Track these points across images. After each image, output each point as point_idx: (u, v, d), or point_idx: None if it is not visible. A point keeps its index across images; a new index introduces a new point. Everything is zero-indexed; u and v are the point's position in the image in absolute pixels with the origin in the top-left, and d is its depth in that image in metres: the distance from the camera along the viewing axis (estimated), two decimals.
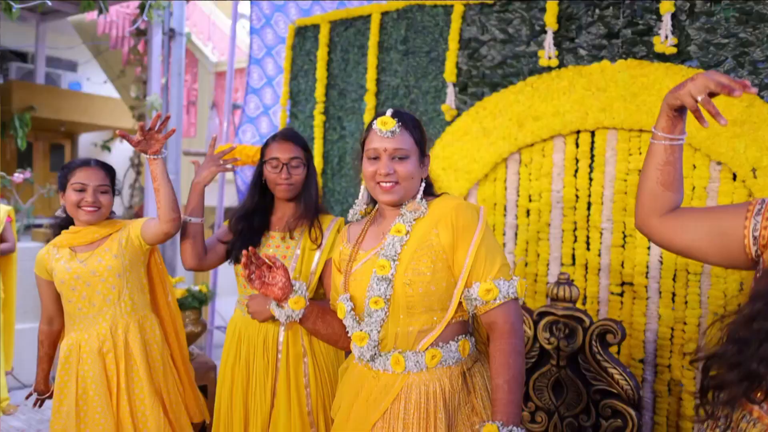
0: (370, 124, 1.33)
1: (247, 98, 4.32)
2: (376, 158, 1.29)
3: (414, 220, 1.30)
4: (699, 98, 1.00)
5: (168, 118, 1.69)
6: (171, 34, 4.76)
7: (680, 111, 1.08)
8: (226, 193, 4.52)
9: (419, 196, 1.33)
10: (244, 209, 1.83)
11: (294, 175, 1.76)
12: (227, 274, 5.52)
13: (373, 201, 1.44)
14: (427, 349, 1.25)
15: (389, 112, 1.31)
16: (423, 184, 1.36)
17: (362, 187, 1.42)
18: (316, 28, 3.46)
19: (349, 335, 1.33)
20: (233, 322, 1.84)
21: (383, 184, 1.28)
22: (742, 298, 2.15)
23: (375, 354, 1.28)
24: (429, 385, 1.24)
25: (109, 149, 6.15)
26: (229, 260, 1.84)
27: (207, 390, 2.35)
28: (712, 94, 1.00)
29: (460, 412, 1.24)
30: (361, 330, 1.28)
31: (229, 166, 1.86)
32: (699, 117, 1.03)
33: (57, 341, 1.90)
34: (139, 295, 1.84)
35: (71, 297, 1.78)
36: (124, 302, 1.80)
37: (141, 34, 5.58)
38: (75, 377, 1.77)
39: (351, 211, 1.44)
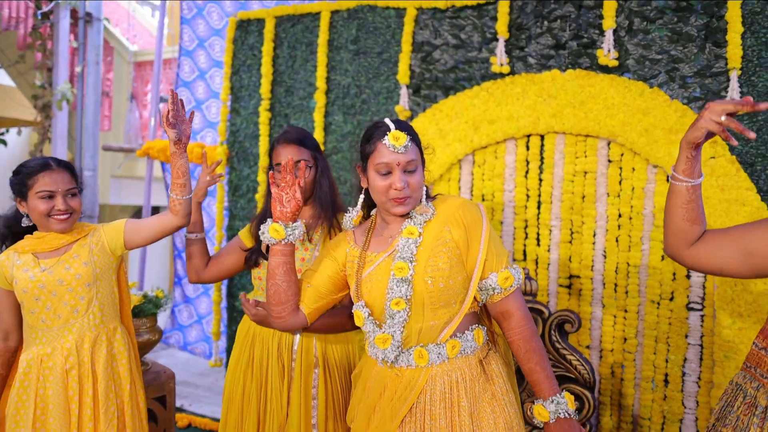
0: (377, 138, 1.33)
1: (177, 92, 4.10)
2: (388, 173, 1.32)
3: (424, 222, 1.35)
4: (723, 119, 1.10)
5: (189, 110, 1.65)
6: (88, 19, 4.37)
7: (698, 149, 1.18)
8: (154, 191, 4.27)
9: (424, 199, 1.39)
10: (264, 214, 1.76)
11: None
12: (150, 278, 5.15)
13: (365, 208, 1.46)
14: (447, 340, 1.32)
15: (392, 125, 1.33)
16: (425, 188, 1.40)
17: (361, 196, 1.44)
18: (260, 22, 3.37)
19: (370, 340, 1.34)
20: (245, 322, 1.77)
21: (398, 198, 1.31)
22: (675, 286, 2.38)
23: (398, 353, 1.31)
24: (451, 374, 1.30)
25: (5, 143, 5.54)
26: (248, 266, 1.80)
27: (166, 401, 2.21)
28: (731, 115, 1.10)
29: (482, 399, 1.31)
30: (383, 332, 1.30)
31: (217, 177, 1.91)
32: (727, 137, 1.12)
33: (11, 360, 1.70)
34: (109, 307, 1.71)
35: (34, 308, 1.62)
36: (93, 314, 1.66)
37: (45, 16, 5.05)
38: (34, 397, 1.61)
39: (346, 219, 1.45)
